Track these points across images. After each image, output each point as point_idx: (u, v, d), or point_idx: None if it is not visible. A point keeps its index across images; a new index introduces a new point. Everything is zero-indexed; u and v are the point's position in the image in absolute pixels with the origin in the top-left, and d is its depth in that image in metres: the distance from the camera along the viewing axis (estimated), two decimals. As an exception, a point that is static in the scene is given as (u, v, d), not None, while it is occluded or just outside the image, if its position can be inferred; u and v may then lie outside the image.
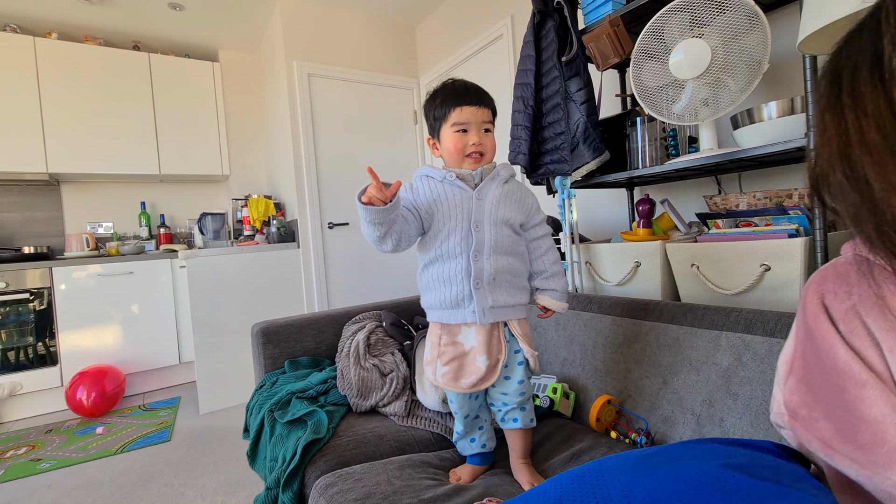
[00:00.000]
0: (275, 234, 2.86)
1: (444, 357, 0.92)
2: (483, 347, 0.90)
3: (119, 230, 3.27)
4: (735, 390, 0.90)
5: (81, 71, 2.88)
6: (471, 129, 0.92)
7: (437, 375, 0.93)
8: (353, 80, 3.01)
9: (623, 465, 0.45)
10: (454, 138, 0.93)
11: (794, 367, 0.46)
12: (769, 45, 1.16)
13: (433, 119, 0.96)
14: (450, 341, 0.93)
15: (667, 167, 1.33)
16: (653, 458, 0.45)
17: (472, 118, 0.92)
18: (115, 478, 1.80)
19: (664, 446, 0.48)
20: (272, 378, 1.40)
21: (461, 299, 0.90)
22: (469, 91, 0.93)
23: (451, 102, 0.92)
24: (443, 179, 0.93)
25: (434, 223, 0.93)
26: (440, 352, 0.93)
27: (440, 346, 0.93)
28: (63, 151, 2.83)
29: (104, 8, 2.72)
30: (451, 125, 0.93)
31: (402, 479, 0.82)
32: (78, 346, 2.65)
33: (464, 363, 0.92)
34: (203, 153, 3.27)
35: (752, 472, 0.39)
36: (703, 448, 0.46)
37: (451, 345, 0.92)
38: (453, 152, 0.94)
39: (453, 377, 0.91)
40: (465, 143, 0.92)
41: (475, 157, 0.93)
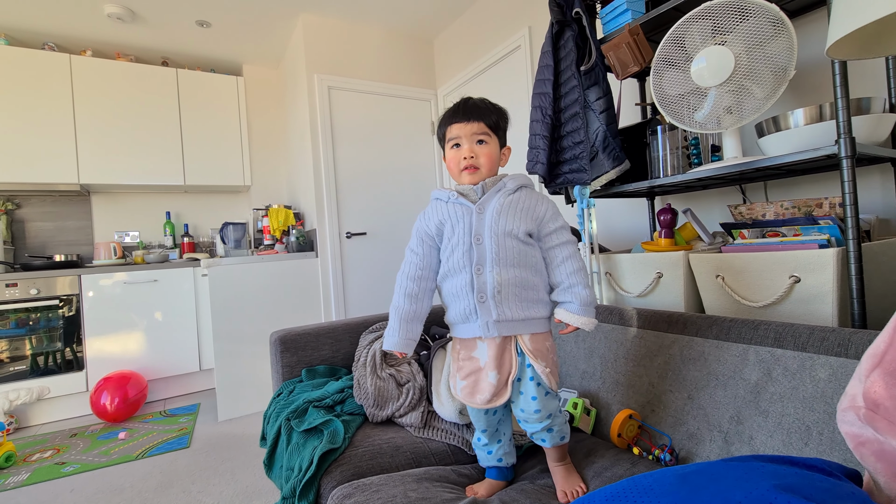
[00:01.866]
0: (294, 244, 2.90)
1: (462, 371, 0.94)
2: (494, 363, 0.90)
3: (145, 239, 3.36)
4: (765, 407, 0.87)
5: (113, 86, 3.00)
6: (463, 143, 0.95)
7: (456, 389, 0.95)
8: (372, 92, 3.05)
9: (661, 485, 0.43)
10: (451, 154, 0.97)
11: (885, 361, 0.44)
12: (795, 51, 1.13)
13: (440, 139, 1.02)
14: (467, 356, 0.94)
15: (689, 176, 1.30)
16: (692, 479, 0.43)
17: (461, 132, 0.95)
18: (135, 483, 1.82)
19: (702, 464, 0.46)
20: (289, 386, 1.40)
21: (469, 313, 0.92)
22: (459, 108, 0.97)
23: (446, 122, 0.98)
24: (448, 199, 0.97)
25: (444, 242, 0.96)
26: (458, 366, 0.95)
27: (459, 360, 0.95)
28: (94, 163, 2.94)
29: (136, 26, 2.84)
30: (447, 142, 0.98)
31: (419, 493, 0.80)
32: (103, 352, 2.72)
33: (478, 378, 0.92)
34: (226, 164, 3.35)
35: (808, 494, 0.37)
36: (747, 467, 0.43)
37: (468, 360, 0.94)
38: (451, 168, 0.98)
39: (470, 392, 0.92)
40: (459, 157, 0.95)
41: (470, 169, 0.95)
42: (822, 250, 1.02)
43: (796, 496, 0.34)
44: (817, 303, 1.05)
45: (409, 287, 0.95)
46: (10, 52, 2.73)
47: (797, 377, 0.84)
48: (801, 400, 0.82)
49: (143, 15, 2.72)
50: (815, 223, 1.14)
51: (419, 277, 0.96)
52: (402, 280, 0.97)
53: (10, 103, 2.73)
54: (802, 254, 1.05)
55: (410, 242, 0.99)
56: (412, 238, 0.99)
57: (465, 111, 0.97)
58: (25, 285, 2.56)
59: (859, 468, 0.73)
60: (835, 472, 0.42)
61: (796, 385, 0.84)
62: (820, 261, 1.02)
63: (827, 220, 1.13)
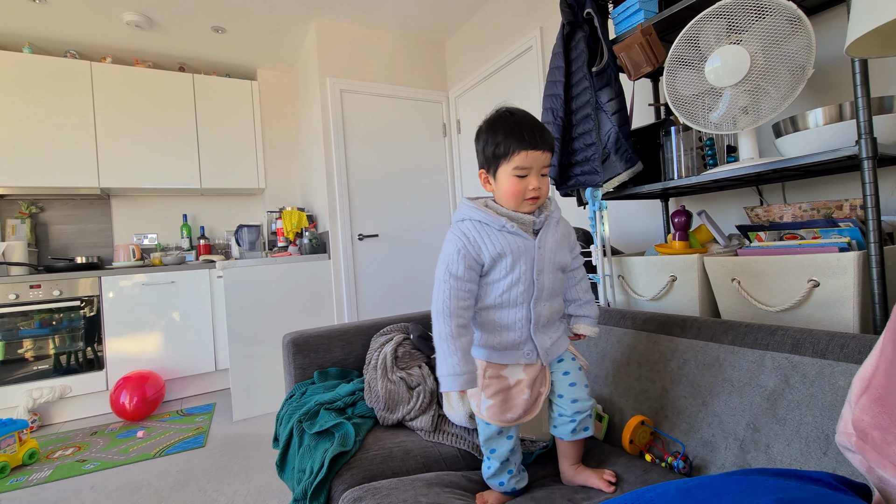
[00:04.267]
0: (307, 246, 2.93)
1: (489, 390, 0.91)
2: (529, 382, 0.91)
3: (162, 241, 3.43)
4: (782, 415, 0.85)
5: (132, 92, 3.07)
6: (531, 174, 0.87)
7: (481, 409, 0.91)
8: (384, 94, 3.07)
9: (663, 499, 0.43)
10: (513, 182, 0.88)
11: (872, 386, 0.43)
12: (813, 49, 1.10)
13: (492, 155, 0.89)
14: (495, 374, 0.92)
15: (704, 178, 1.28)
16: (695, 493, 0.42)
17: (535, 163, 0.87)
18: (152, 481, 1.86)
19: (706, 478, 0.45)
20: (301, 388, 1.41)
21: (519, 343, 0.91)
22: (535, 133, 0.87)
23: (515, 144, 0.86)
24: (502, 228, 0.89)
25: (493, 272, 0.89)
26: (484, 384, 0.91)
27: (485, 378, 0.91)
28: (114, 167, 3.01)
29: (153, 33, 2.90)
30: (512, 167, 0.87)
31: (430, 498, 0.80)
32: (122, 352, 2.78)
33: (509, 396, 0.91)
34: (241, 168, 3.40)
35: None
36: (750, 481, 0.42)
37: (495, 378, 0.91)
38: (510, 195, 0.89)
39: (499, 410, 0.90)
40: (525, 188, 0.88)
41: (532, 200, 0.89)
42: (842, 253, 0.99)
43: (804, 511, 0.33)
44: (837, 307, 1.02)
45: (461, 317, 0.86)
46: (34, 59, 2.81)
47: (816, 384, 0.82)
48: (820, 408, 0.80)
49: (161, 22, 2.78)
50: (835, 225, 1.11)
51: (468, 307, 0.88)
52: (450, 310, 0.85)
53: (34, 109, 2.81)
54: (822, 257, 1.03)
55: (451, 267, 0.87)
56: (454, 264, 0.88)
57: (541, 138, 0.87)
58: (49, 287, 2.63)
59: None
60: (841, 486, 0.41)
61: (815, 393, 0.82)
62: (840, 264, 1.00)
63: (847, 222, 1.10)
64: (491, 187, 0.94)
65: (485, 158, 0.92)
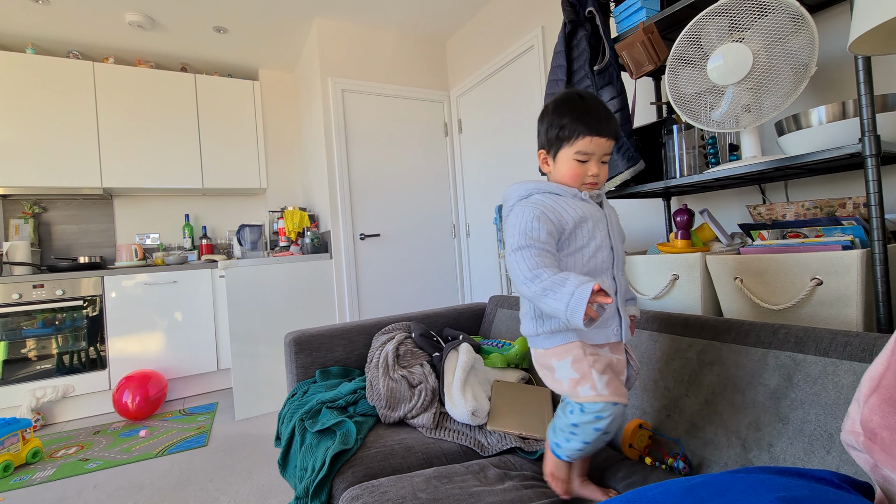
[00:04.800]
0: (309, 245, 2.93)
1: (599, 365, 0.82)
2: (622, 364, 0.88)
3: (165, 241, 3.44)
4: (785, 413, 0.84)
5: (134, 92, 3.08)
6: (592, 160, 0.87)
7: (598, 388, 0.80)
8: (385, 94, 3.07)
9: (665, 497, 0.42)
10: (573, 166, 0.87)
11: (882, 386, 0.42)
12: (816, 47, 1.10)
13: (556, 137, 0.88)
14: (592, 351, 0.84)
15: (706, 176, 1.27)
16: (698, 491, 0.42)
17: (598, 150, 0.86)
18: (154, 480, 1.86)
19: (709, 476, 0.45)
20: (303, 387, 1.42)
21: (608, 317, 0.86)
22: (602, 120, 0.86)
23: (583, 129, 0.85)
24: (574, 196, 0.88)
25: (575, 240, 0.86)
26: (591, 362, 0.82)
27: (586, 356, 0.83)
28: (116, 167, 3.02)
29: (156, 34, 2.91)
30: (574, 151, 0.86)
31: (428, 493, 0.80)
32: (125, 352, 2.79)
33: (615, 374, 0.85)
34: (243, 167, 3.41)
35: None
36: (754, 479, 0.42)
37: (596, 353, 0.85)
38: (569, 178, 0.88)
39: (618, 383, 0.83)
40: (584, 173, 0.87)
41: (591, 186, 0.89)
42: (845, 252, 0.99)
43: (804, 509, 0.33)
44: (840, 306, 1.01)
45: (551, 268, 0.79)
46: (37, 60, 2.82)
47: (818, 383, 0.82)
48: (823, 406, 0.80)
49: (163, 22, 2.78)
50: (838, 224, 1.11)
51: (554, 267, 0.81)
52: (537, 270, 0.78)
53: (37, 110, 2.82)
54: (825, 255, 1.02)
55: (532, 233, 0.82)
56: (534, 229, 0.82)
57: (608, 125, 0.86)
58: (52, 286, 2.64)
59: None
60: (844, 484, 0.41)
61: (818, 391, 0.81)
62: (843, 263, 0.99)
63: (851, 220, 1.09)
64: (548, 168, 0.93)
65: (547, 139, 0.91)
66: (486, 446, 1.10)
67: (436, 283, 3.22)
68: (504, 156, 2.81)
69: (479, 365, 1.34)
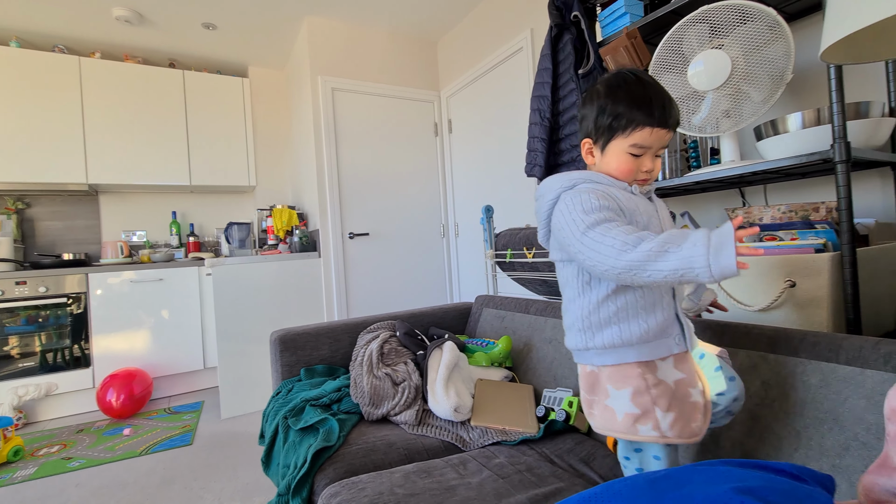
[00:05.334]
0: (297, 244, 2.93)
1: (663, 401, 0.71)
2: (689, 379, 0.74)
3: (151, 238, 3.41)
4: (755, 412, 0.87)
5: (121, 88, 3.05)
6: (647, 154, 0.76)
7: (662, 429, 0.70)
8: (375, 93, 3.07)
9: (631, 489, 0.44)
10: (626, 160, 0.77)
11: None
12: (792, 55, 1.13)
13: (608, 126, 0.77)
14: (657, 381, 0.73)
15: (687, 179, 1.30)
16: (661, 483, 0.44)
17: (656, 143, 0.76)
18: (138, 479, 1.85)
19: (673, 469, 0.47)
20: (288, 385, 1.42)
21: (668, 325, 0.75)
22: (665, 108, 0.74)
23: (643, 118, 0.74)
24: (624, 188, 0.78)
25: None
26: (654, 396, 0.71)
27: (650, 389, 0.72)
28: (102, 163, 2.98)
29: (144, 29, 2.88)
30: (629, 144, 0.75)
31: (406, 488, 0.82)
32: (110, 350, 2.76)
33: (683, 405, 0.72)
34: (231, 165, 3.39)
35: (763, 496, 0.38)
36: (714, 471, 0.44)
37: (660, 384, 0.73)
38: (620, 173, 0.78)
39: (685, 422, 0.71)
40: (637, 169, 0.77)
41: (643, 182, 0.79)
42: (817, 255, 1.02)
43: (752, 498, 0.35)
44: (813, 307, 1.04)
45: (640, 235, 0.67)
46: (22, 54, 2.78)
47: (788, 382, 0.84)
48: (792, 405, 0.82)
49: (151, 17, 2.76)
50: (811, 227, 1.14)
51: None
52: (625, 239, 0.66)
53: (22, 105, 2.78)
54: (798, 258, 1.05)
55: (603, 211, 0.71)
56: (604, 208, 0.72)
57: (671, 115, 0.75)
58: (35, 283, 2.60)
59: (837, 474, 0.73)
60: (803, 476, 0.43)
61: (787, 391, 0.84)
62: (815, 265, 1.02)
63: (823, 224, 1.12)
64: (593, 160, 0.82)
65: (596, 127, 0.79)
66: (468, 441, 1.12)
67: (424, 283, 3.23)
68: (494, 157, 2.83)
69: (463, 363, 1.35)
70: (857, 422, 0.74)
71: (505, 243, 1.74)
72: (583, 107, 0.83)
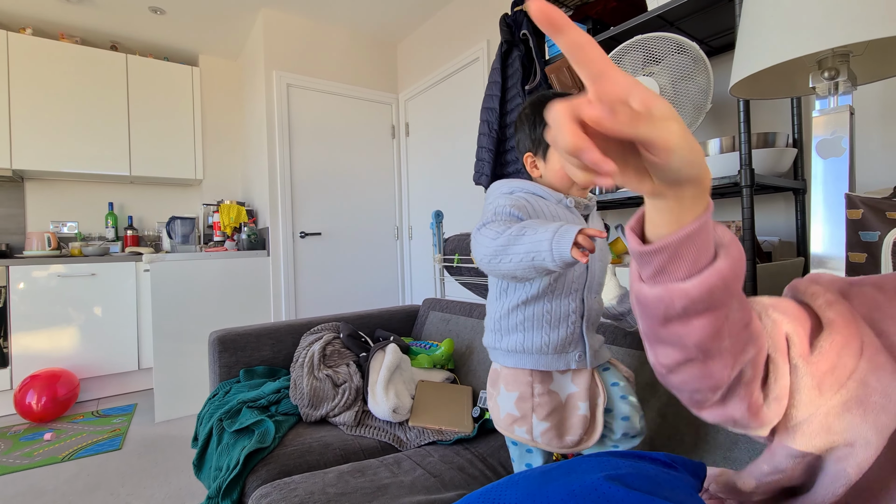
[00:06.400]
0: (245, 241, 2.85)
1: (542, 410, 0.77)
2: (583, 393, 0.79)
3: (84, 230, 3.19)
4: (665, 411, 0.95)
5: (55, 68, 2.85)
6: None
7: (533, 434, 0.77)
8: (333, 92, 3.05)
9: (526, 479, 0.49)
10: (562, 169, 0.80)
11: None
12: (711, 86, 1.25)
13: (540, 136, 0.82)
14: (544, 390, 0.78)
15: (619, 195, 1.40)
16: (552, 472, 0.49)
17: None
18: (59, 486, 1.74)
19: (564, 461, 0.52)
20: (226, 387, 1.39)
21: (568, 343, 0.79)
22: None
23: None
24: (559, 202, 0.81)
25: None
26: (535, 404, 0.77)
27: (534, 397, 0.78)
28: (30, 148, 2.77)
29: (83, 7, 2.71)
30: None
31: (338, 487, 0.83)
32: (31, 349, 2.56)
33: (564, 415, 0.78)
34: (177, 156, 3.24)
35: (629, 482, 0.43)
36: (596, 461, 0.50)
37: (545, 394, 0.78)
38: (560, 181, 0.82)
39: (556, 434, 0.77)
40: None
41: (582, 193, 0.84)
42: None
43: (618, 484, 0.40)
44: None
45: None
46: (-62, 24, 2.54)
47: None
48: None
49: (92, -4, 2.60)
50: (723, 243, 1.26)
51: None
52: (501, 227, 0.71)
53: (-64, 79, 2.54)
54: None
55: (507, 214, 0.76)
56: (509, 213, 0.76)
57: None
58: (-56, 275, 2.38)
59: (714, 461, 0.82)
60: (675, 464, 0.49)
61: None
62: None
63: (733, 241, 1.24)
64: (538, 172, 0.86)
65: (532, 140, 0.84)
66: (405, 441, 1.15)
67: (377, 285, 3.22)
68: (449, 161, 2.87)
69: (406, 365, 1.38)
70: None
71: (453, 248, 1.79)
72: (516, 132, 0.89)
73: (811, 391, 0.44)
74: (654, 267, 0.39)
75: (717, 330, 0.40)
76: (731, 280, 0.38)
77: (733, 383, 0.44)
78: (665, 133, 0.31)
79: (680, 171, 0.34)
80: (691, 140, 0.33)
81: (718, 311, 0.39)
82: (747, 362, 0.44)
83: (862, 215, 0.85)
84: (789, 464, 0.46)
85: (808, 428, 0.44)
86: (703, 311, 0.38)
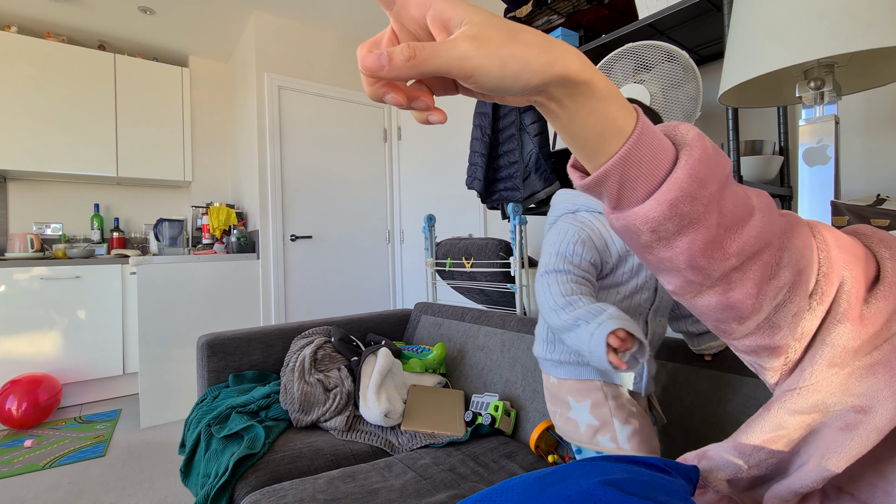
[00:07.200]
0: (234, 244, 2.82)
1: (621, 413, 0.72)
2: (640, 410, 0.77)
3: (69, 232, 3.13)
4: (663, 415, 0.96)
5: (41, 67, 2.80)
6: None
7: (619, 441, 0.71)
8: (324, 95, 3.04)
9: (521, 484, 0.48)
10: None
11: None
12: (701, 94, 1.27)
13: None
14: (617, 392, 0.75)
15: (610, 200, 1.41)
16: (546, 478, 0.48)
17: None
18: (39, 494, 1.70)
19: (560, 466, 0.52)
20: (214, 392, 1.37)
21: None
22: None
23: None
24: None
25: (617, 272, 0.75)
26: (612, 407, 0.73)
27: (608, 400, 0.73)
28: (13, 148, 2.72)
29: (70, 6, 2.67)
30: None
31: (328, 493, 0.82)
32: (12, 353, 2.50)
33: (645, 421, 0.75)
34: (165, 158, 3.20)
35: (624, 487, 0.43)
36: (591, 466, 0.50)
37: (620, 397, 0.75)
38: None
39: (644, 436, 0.73)
40: None
41: None
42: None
43: (614, 489, 0.40)
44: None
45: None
46: (-81, 20, 2.49)
47: (683, 388, 0.94)
48: (687, 407, 0.92)
49: (80, -5, 2.57)
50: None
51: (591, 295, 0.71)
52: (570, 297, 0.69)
53: (-84, 76, 2.48)
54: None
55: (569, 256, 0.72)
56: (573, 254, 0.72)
57: None
58: (-78, 277, 2.32)
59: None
60: (669, 468, 0.49)
61: (681, 395, 0.94)
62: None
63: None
64: None
65: None
66: (397, 446, 1.14)
67: (368, 288, 3.21)
68: (442, 165, 2.88)
69: (398, 369, 1.37)
70: (734, 422, 0.84)
71: (445, 252, 1.79)
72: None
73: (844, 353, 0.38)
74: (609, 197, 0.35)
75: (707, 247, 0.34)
76: (696, 188, 0.33)
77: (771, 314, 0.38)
78: (456, 61, 0.27)
79: (506, 89, 0.28)
80: (499, 52, 0.27)
81: (697, 225, 0.34)
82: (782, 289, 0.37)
83: (847, 222, 0.87)
84: (793, 421, 0.42)
85: (824, 384, 0.38)
86: (677, 230, 0.34)
